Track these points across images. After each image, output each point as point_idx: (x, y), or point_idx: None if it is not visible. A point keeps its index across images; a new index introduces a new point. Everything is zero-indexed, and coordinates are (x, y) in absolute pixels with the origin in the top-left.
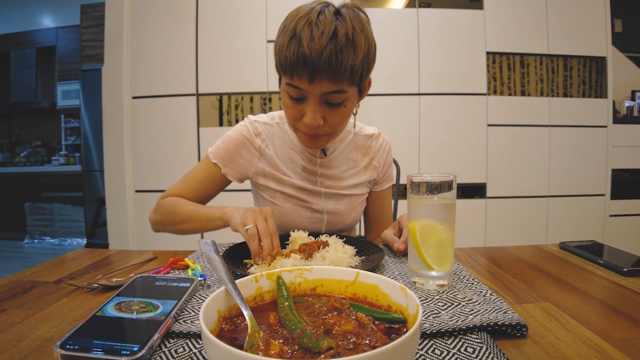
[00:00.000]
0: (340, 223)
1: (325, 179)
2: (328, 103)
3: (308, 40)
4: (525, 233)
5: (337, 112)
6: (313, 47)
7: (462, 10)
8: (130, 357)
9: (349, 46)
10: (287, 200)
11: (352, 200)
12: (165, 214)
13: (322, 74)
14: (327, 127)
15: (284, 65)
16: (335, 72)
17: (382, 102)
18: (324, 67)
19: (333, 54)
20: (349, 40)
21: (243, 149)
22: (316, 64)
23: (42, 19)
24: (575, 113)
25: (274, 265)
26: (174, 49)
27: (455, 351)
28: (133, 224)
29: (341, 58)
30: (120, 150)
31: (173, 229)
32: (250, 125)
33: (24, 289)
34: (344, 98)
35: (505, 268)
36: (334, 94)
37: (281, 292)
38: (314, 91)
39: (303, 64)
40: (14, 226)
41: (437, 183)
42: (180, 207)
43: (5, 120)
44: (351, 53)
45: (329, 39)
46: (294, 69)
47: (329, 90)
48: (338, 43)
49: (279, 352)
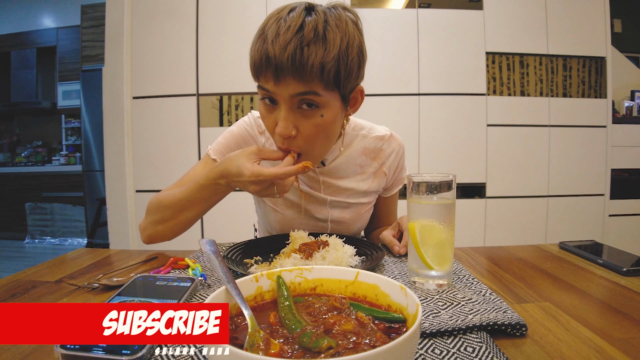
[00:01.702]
0: (345, 232)
1: (329, 186)
2: (302, 110)
3: (273, 37)
4: (525, 233)
5: (311, 121)
6: (277, 42)
7: (461, 11)
8: (131, 356)
9: (317, 41)
10: (289, 207)
11: (359, 209)
12: (157, 214)
13: (287, 72)
14: (301, 140)
15: (251, 65)
16: (300, 69)
17: (381, 102)
18: (288, 64)
19: (298, 49)
20: (318, 34)
21: (246, 145)
22: (279, 61)
23: (42, 19)
24: (574, 113)
25: (274, 265)
26: (174, 49)
27: (455, 350)
28: (133, 223)
29: (307, 54)
30: (120, 150)
31: (167, 228)
32: (254, 122)
33: (25, 289)
34: (317, 102)
35: (505, 268)
36: (305, 96)
37: (281, 291)
38: (282, 93)
39: (266, 62)
40: (14, 226)
41: (437, 183)
42: (166, 198)
43: (6, 120)
44: (320, 49)
45: (294, 33)
46: (259, 68)
47: (297, 91)
48: (304, 37)
49: (279, 351)
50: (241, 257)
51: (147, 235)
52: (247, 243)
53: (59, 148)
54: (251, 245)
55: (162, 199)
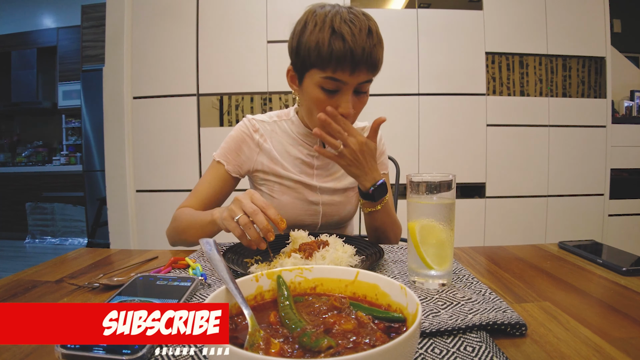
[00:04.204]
0: (337, 215)
1: (322, 170)
2: (356, 92)
3: (351, 36)
4: (525, 232)
5: (361, 100)
6: (356, 42)
7: (461, 11)
8: (131, 356)
9: (379, 42)
10: (284, 193)
11: (347, 192)
12: (175, 222)
13: (362, 66)
14: (354, 116)
15: (327, 59)
16: (373, 64)
17: (381, 102)
18: (365, 60)
19: (373, 47)
20: (379, 37)
21: (244, 144)
22: (359, 58)
23: (43, 19)
24: (574, 113)
25: (274, 265)
26: (174, 50)
27: (454, 350)
28: (134, 223)
29: (376, 52)
30: (121, 150)
31: (180, 239)
32: (248, 123)
33: (25, 289)
34: (368, 88)
35: (505, 267)
36: (365, 84)
37: (281, 291)
38: (352, 82)
39: (350, 58)
40: (15, 226)
41: (437, 183)
42: (184, 215)
43: (7, 120)
44: (380, 48)
45: (367, 34)
46: (339, 62)
47: (364, 80)
48: (374, 38)
49: (279, 351)
50: (241, 257)
51: (171, 242)
52: None
53: (60, 148)
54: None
55: (177, 216)
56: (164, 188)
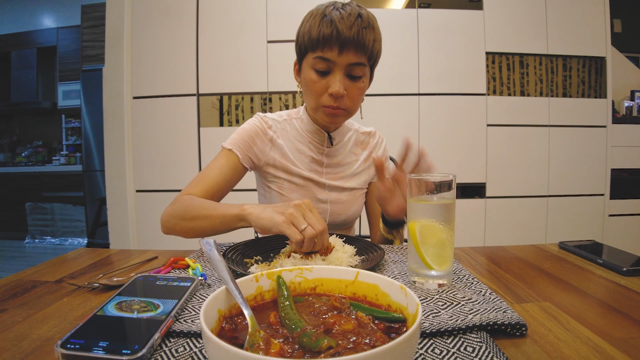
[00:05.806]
0: (343, 214)
1: (331, 168)
2: (350, 76)
3: (339, 18)
4: (525, 233)
5: (356, 85)
6: (344, 23)
7: (461, 11)
8: (131, 356)
9: (369, 27)
10: (293, 191)
11: (354, 192)
12: (181, 207)
13: (350, 45)
14: (348, 100)
15: (316, 40)
16: (361, 45)
17: (381, 102)
18: (352, 40)
19: (361, 29)
20: (370, 23)
21: (257, 138)
22: (346, 37)
23: (42, 19)
24: (574, 113)
25: (274, 265)
26: (174, 49)
27: (455, 350)
28: (134, 223)
29: (365, 34)
30: (121, 150)
31: (184, 226)
32: (261, 119)
33: (25, 289)
34: (362, 73)
35: (505, 267)
36: (357, 66)
37: (281, 291)
38: (341, 61)
39: (336, 36)
40: (15, 226)
41: (437, 183)
42: (197, 201)
43: (6, 120)
44: (371, 33)
45: (356, 18)
46: (327, 41)
47: (353, 61)
48: (363, 22)
49: (279, 351)
50: (241, 257)
51: (167, 228)
52: (247, 243)
53: (59, 148)
54: (251, 245)
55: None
56: (164, 188)
